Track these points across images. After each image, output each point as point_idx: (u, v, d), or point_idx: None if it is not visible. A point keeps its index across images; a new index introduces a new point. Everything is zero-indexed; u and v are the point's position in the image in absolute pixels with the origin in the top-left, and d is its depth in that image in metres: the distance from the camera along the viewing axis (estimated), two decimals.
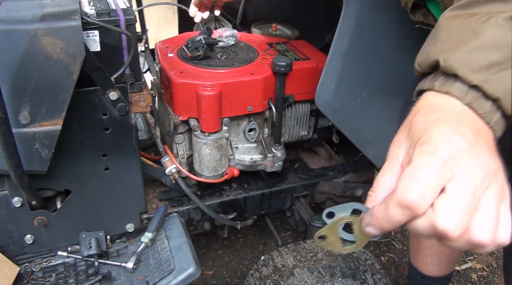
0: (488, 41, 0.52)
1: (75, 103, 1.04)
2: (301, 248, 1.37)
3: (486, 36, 0.53)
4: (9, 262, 1.21)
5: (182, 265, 1.25)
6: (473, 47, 0.53)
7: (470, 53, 0.53)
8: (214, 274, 1.98)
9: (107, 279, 1.24)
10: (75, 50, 0.97)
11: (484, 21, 0.53)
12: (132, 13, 1.13)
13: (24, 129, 1.00)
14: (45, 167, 1.07)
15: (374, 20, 1.26)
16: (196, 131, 1.34)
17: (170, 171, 1.36)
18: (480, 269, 2.05)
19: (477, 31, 0.53)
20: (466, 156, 0.48)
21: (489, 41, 0.52)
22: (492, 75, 0.51)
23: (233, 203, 1.53)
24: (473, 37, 0.53)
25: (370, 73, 1.37)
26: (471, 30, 0.54)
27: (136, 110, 1.20)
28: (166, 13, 2.86)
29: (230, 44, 1.50)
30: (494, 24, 0.53)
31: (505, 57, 0.51)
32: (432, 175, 0.47)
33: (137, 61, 1.21)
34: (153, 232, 1.31)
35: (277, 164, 1.50)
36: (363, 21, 1.24)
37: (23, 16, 0.94)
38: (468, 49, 0.53)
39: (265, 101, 1.40)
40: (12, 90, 0.96)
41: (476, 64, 0.52)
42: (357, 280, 1.29)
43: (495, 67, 0.51)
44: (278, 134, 1.46)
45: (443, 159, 0.48)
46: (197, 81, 1.28)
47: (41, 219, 1.21)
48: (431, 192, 0.48)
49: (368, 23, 1.26)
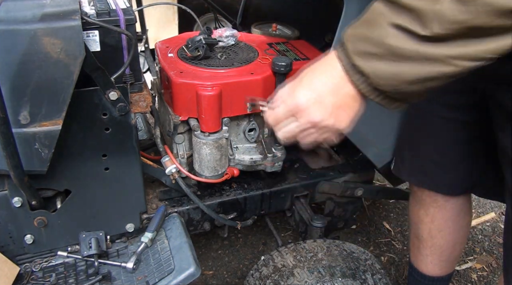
0: (371, 35, 0.70)
1: (75, 103, 1.04)
2: (301, 248, 1.37)
3: (373, 32, 0.70)
4: (9, 262, 1.21)
5: (182, 265, 1.25)
6: (364, 36, 0.71)
7: (359, 41, 0.72)
8: (214, 274, 1.98)
9: (107, 279, 1.24)
10: (75, 50, 0.97)
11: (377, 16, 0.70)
12: (132, 13, 1.13)
13: (24, 129, 1.00)
14: (45, 167, 1.07)
15: None
16: (196, 131, 1.34)
17: (170, 171, 1.36)
18: (480, 269, 2.05)
19: (372, 25, 0.70)
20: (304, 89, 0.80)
21: (371, 36, 0.70)
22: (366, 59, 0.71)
23: (233, 203, 1.53)
24: (367, 29, 0.71)
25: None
26: (371, 23, 0.71)
27: (136, 110, 1.21)
28: (166, 13, 2.86)
29: (230, 44, 1.50)
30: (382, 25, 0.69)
31: (380, 52, 0.69)
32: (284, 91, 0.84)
33: (137, 61, 1.21)
34: (153, 232, 1.31)
35: (277, 164, 1.50)
36: None
37: (23, 16, 0.94)
38: (360, 36, 0.72)
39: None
40: (12, 90, 0.96)
41: (361, 49, 0.71)
42: (357, 280, 1.29)
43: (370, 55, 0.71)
44: None
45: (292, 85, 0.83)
46: (197, 81, 1.28)
47: (41, 219, 1.21)
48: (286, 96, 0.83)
49: None
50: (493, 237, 2.24)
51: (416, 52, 0.66)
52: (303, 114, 0.80)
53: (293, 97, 0.80)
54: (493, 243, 2.20)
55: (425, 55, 0.66)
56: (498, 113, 1.07)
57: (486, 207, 2.44)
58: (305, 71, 0.81)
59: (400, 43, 0.67)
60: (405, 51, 0.67)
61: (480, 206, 2.45)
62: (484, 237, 2.24)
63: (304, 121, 0.81)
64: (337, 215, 1.73)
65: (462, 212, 1.41)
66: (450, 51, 0.65)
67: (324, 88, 0.77)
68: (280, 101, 0.84)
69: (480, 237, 2.24)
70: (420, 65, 0.67)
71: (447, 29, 0.62)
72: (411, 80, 0.69)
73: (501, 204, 2.39)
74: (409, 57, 0.67)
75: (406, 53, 0.67)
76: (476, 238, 2.24)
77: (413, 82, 0.70)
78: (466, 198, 1.41)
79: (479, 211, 2.41)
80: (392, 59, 0.68)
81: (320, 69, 0.79)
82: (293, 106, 0.81)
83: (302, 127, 0.83)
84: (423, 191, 1.40)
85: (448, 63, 0.66)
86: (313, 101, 0.78)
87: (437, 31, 0.63)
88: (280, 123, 0.85)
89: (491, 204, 2.46)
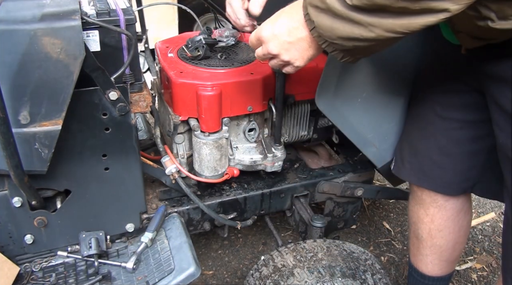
0: None
1: (75, 103, 1.04)
2: (301, 248, 1.37)
3: None
4: (9, 262, 1.21)
5: (182, 265, 1.25)
6: None
7: None
8: (214, 274, 1.98)
9: (107, 279, 1.24)
10: (75, 50, 0.97)
11: None
12: (132, 13, 1.13)
13: (24, 129, 1.00)
14: (45, 167, 1.07)
15: None
16: (196, 131, 1.34)
17: (170, 171, 1.36)
18: (480, 269, 2.05)
19: None
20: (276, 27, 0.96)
21: None
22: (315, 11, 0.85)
23: (233, 203, 1.53)
24: None
25: (370, 73, 1.37)
26: None
27: (136, 110, 1.21)
28: (166, 13, 2.86)
29: (230, 44, 1.50)
30: None
31: (323, 7, 0.83)
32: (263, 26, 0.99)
33: (137, 61, 1.21)
34: (153, 232, 1.31)
35: (277, 164, 1.50)
36: None
37: (23, 16, 0.94)
38: None
39: (265, 101, 1.40)
40: (12, 90, 0.96)
41: (313, 2, 0.85)
42: (357, 280, 1.29)
43: (318, 9, 0.85)
44: (278, 134, 1.46)
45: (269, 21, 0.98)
46: (197, 81, 1.28)
47: (41, 219, 1.21)
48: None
49: None
50: (493, 237, 2.24)
51: (345, 14, 0.81)
52: (264, 43, 0.99)
53: (261, 29, 0.99)
54: (493, 243, 2.20)
55: (351, 17, 0.81)
56: (497, 113, 1.07)
57: (486, 207, 2.44)
58: (277, 12, 0.98)
59: (335, 4, 0.81)
60: (338, 11, 0.81)
61: (480, 206, 2.45)
62: (484, 237, 2.24)
63: (265, 50, 1.00)
64: (337, 215, 1.73)
65: (462, 212, 1.41)
66: (369, 20, 0.79)
67: (284, 28, 0.94)
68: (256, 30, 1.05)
69: (480, 237, 2.24)
70: (348, 25, 0.82)
71: (363, 3, 0.77)
72: (342, 36, 0.84)
73: (501, 204, 2.39)
74: (340, 16, 0.81)
75: (338, 13, 0.81)
76: (476, 238, 2.24)
77: (344, 39, 0.84)
78: (466, 198, 1.41)
79: (479, 211, 2.41)
80: (330, 15, 0.83)
81: (286, 12, 0.95)
82: (259, 36, 1.00)
83: (264, 53, 1.02)
84: (423, 191, 1.40)
85: (368, 29, 0.81)
86: (271, 36, 0.96)
87: (356, 3, 0.78)
88: (253, 47, 1.06)
89: (491, 204, 2.46)
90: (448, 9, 0.75)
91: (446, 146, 1.28)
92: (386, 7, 0.77)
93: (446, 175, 1.32)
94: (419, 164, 1.36)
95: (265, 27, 0.98)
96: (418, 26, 0.79)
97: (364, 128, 1.45)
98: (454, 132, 1.25)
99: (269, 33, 0.97)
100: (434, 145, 1.30)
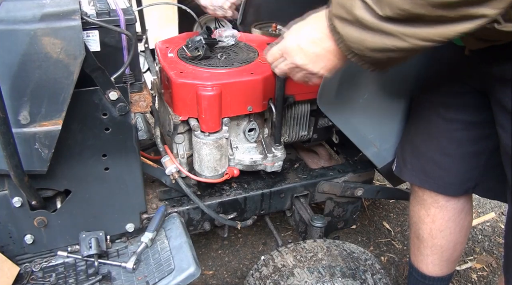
0: (345, 4, 0.82)
1: (75, 103, 1.04)
2: (301, 248, 1.37)
3: (346, 2, 0.82)
4: (9, 262, 1.21)
5: (182, 265, 1.25)
6: (341, 3, 0.83)
7: (338, 6, 0.84)
8: (214, 274, 1.98)
9: (107, 279, 1.24)
10: (75, 50, 0.97)
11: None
12: (132, 13, 1.13)
13: (24, 129, 1.00)
14: (45, 167, 1.07)
15: None
16: (196, 131, 1.34)
17: (170, 171, 1.36)
18: (480, 269, 2.05)
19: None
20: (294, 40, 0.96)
21: (345, 4, 0.82)
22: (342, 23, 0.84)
23: (233, 203, 1.53)
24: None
25: (371, 74, 1.37)
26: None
27: (136, 110, 1.20)
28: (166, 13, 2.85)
29: (230, 44, 1.50)
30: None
31: (350, 19, 0.82)
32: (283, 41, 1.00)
33: (137, 61, 1.21)
34: (153, 232, 1.31)
35: (277, 164, 1.50)
36: None
37: (23, 16, 0.94)
38: (339, 2, 0.83)
39: (265, 101, 1.40)
40: (12, 90, 0.96)
41: (339, 14, 0.84)
42: (357, 280, 1.28)
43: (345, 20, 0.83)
44: (278, 134, 1.46)
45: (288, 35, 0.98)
46: (197, 81, 1.28)
47: (41, 219, 1.21)
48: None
49: None
50: (493, 237, 2.24)
51: (376, 25, 0.78)
52: (289, 56, 0.98)
53: (284, 41, 0.98)
54: (493, 243, 2.20)
55: (383, 29, 0.78)
56: (501, 114, 1.07)
57: (486, 207, 2.44)
58: (299, 23, 0.97)
59: (364, 15, 0.79)
60: (368, 22, 0.79)
61: (480, 206, 2.45)
62: (484, 237, 2.24)
63: (290, 62, 0.99)
64: (337, 215, 1.73)
65: (463, 213, 1.41)
66: (403, 30, 0.77)
67: (309, 38, 0.93)
68: (276, 43, 1.04)
69: (480, 237, 2.24)
70: (379, 36, 0.79)
71: (397, 13, 0.75)
72: (373, 48, 0.82)
73: (501, 204, 2.39)
74: (370, 28, 0.79)
75: (368, 24, 0.79)
76: (476, 238, 2.24)
77: (375, 50, 0.82)
78: (467, 198, 1.41)
79: (479, 211, 2.41)
80: (359, 27, 0.81)
81: (310, 22, 0.94)
82: (283, 48, 0.99)
83: (289, 66, 1.01)
84: (424, 191, 1.40)
85: (402, 39, 0.78)
86: (297, 46, 0.95)
87: (389, 14, 0.76)
88: (275, 61, 1.04)
89: (491, 204, 2.46)
90: (486, 15, 0.73)
91: (448, 147, 1.28)
92: (421, 17, 0.74)
93: (447, 176, 1.32)
94: (420, 165, 1.36)
95: (289, 40, 0.96)
96: (456, 33, 0.76)
97: (365, 129, 1.45)
98: (457, 133, 1.25)
99: (295, 45, 0.95)
100: (436, 146, 1.30)
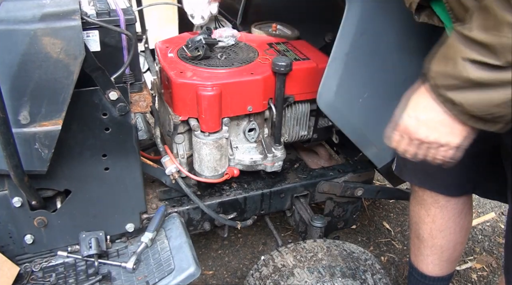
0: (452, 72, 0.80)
1: (75, 103, 1.04)
2: (301, 248, 1.37)
3: (453, 69, 0.80)
4: (9, 262, 1.21)
5: (182, 265, 1.25)
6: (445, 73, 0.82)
7: (443, 77, 0.83)
8: (214, 274, 1.98)
9: (107, 279, 1.24)
10: (75, 50, 0.97)
11: (453, 53, 0.80)
12: (132, 13, 1.13)
13: (24, 129, 1.00)
14: (45, 167, 1.07)
15: (377, 20, 1.26)
16: (196, 131, 1.34)
17: (170, 171, 1.36)
18: (480, 269, 2.05)
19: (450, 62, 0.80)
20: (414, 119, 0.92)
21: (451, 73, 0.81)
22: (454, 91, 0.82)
23: (233, 203, 1.53)
24: (446, 66, 0.81)
25: (372, 74, 1.37)
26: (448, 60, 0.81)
27: (136, 110, 1.20)
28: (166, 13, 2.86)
29: (230, 44, 1.50)
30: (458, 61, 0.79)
31: (463, 85, 0.80)
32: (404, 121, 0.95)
33: (137, 61, 1.21)
34: (153, 232, 1.31)
35: (277, 164, 1.50)
36: (365, 22, 1.24)
37: (23, 16, 0.94)
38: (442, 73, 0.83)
39: (265, 101, 1.40)
40: (12, 90, 0.96)
41: (446, 84, 0.82)
42: (357, 280, 1.28)
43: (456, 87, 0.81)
44: (278, 134, 1.46)
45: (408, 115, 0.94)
46: (197, 81, 1.28)
47: (41, 219, 1.21)
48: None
49: (370, 24, 1.25)
50: (493, 237, 2.24)
51: (497, 79, 0.75)
52: (410, 133, 0.93)
53: (402, 121, 0.95)
54: (493, 243, 2.20)
55: (506, 80, 0.75)
56: None
57: (486, 207, 2.44)
58: (408, 103, 0.94)
59: (479, 74, 0.76)
60: (486, 80, 0.76)
61: (480, 206, 2.45)
62: (484, 237, 2.24)
63: (413, 138, 0.94)
64: (337, 215, 1.73)
65: (463, 213, 1.41)
66: None
67: (424, 111, 0.89)
68: (395, 128, 0.99)
69: (480, 237, 2.24)
70: (503, 89, 0.76)
71: None
72: (499, 103, 0.78)
73: (501, 204, 2.39)
74: (491, 84, 0.76)
75: (487, 81, 0.76)
76: (476, 238, 2.24)
77: (501, 105, 0.78)
78: (467, 198, 1.41)
79: (479, 211, 2.41)
80: (476, 88, 0.78)
81: (419, 98, 0.90)
82: (403, 128, 0.95)
83: (414, 144, 0.95)
84: (425, 191, 1.40)
85: None
86: (416, 121, 0.91)
87: (510, 59, 0.72)
88: (399, 145, 0.99)
89: (491, 204, 2.46)
90: None
91: None
92: None
93: (448, 176, 1.32)
94: (421, 165, 1.35)
95: (406, 116, 0.93)
96: None
97: (365, 128, 1.45)
98: None
99: (414, 121, 0.91)
100: None
